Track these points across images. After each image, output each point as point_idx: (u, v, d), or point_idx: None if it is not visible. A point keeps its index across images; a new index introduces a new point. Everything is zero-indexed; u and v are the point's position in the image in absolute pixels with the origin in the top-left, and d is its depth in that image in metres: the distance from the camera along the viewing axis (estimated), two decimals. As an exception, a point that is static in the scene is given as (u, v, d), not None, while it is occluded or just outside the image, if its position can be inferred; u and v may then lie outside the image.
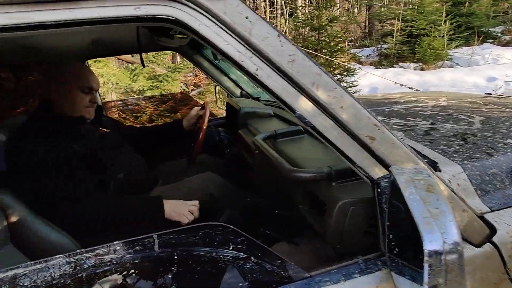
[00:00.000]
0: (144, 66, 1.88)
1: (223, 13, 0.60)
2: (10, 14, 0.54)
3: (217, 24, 0.61)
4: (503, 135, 1.09)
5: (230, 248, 0.65)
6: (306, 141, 1.32)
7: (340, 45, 6.92)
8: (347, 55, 8.25)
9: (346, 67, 6.79)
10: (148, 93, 5.88)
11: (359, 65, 8.37)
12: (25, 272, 0.57)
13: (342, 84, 0.67)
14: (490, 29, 9.60)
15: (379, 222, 0.72)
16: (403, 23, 11.04)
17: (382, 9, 12.58)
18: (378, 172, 0.69)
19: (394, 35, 10.74)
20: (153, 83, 6.33)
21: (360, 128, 0.67)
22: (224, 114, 2.39)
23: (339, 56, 7.19)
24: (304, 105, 0.65)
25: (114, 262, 0.61)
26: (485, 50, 8.74)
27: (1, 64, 1.78)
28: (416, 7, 10.92)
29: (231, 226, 0.65)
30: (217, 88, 2.51)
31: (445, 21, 9.44)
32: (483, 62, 8.32)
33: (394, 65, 9.78)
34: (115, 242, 0.60)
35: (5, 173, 1.32)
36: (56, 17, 0.55)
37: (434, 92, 2.47)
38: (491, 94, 2.45)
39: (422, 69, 9.24)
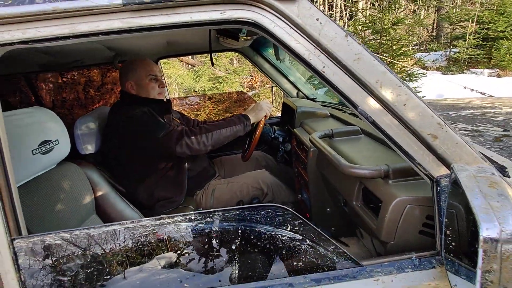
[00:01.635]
0: (213, 65, 2.04)
1: (296, 16, 0.67)
2: (123, 19, 0.67)
3: (290, 26, 0.68)
4: None
5: (288, 229, 0.72)
6: (363, 142, 1.33)
7: (403, 48, 6.58)
8: (411, 59, 7.80)
9: (409, 71, 6.44)
10: (209, 93, 6.25)
11: (423, 70, 7.86)
12: (120, 229, 0.70)
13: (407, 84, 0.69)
14: None
15: (437, 221, 0.72)
16: (477, 25, 10.10)
17: (454, 11, 11.61)
18: (439, 170, 0.70)
19: (467, 38, 9.86)
20: (213, 84, 6.68)
21: (423, 126, 0.68)
22: (279, 114, 2.46)
23: (402, 60, 6.84)
24: (367, 102, 0.69)
25: (189, 230, 0.71)
26: None
27: (91, 64, 2.08)
28: (495, 8, 9.89)
29: (291, 209, 0.71)
30: (274, 89, 2.60)
31: (534, 23, 8.44)
32: None
33: (465, 71, 8.98)
34: (191, 212, 0.70)
35: (93, 155, 1.55)
36: (158, 21, 0.67)
37: (510, 98, 2.27)
38: None
39: (498, 75, 8.37)
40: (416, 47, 11.72)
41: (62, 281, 0.69)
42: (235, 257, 0.72)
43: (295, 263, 0.72)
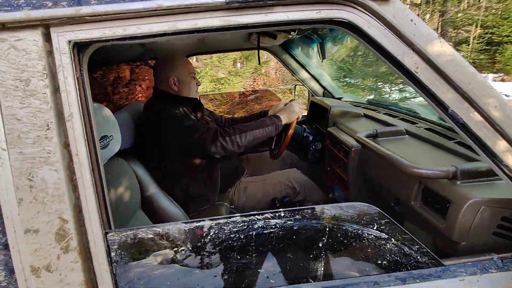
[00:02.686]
0: (259, 63, 2.05)
1: (392, 16, 0.68)
2: (222, 17, 0.67)
3: (384, 27, 0.69)
4: None
5: (375, 228, 0.73)
6: (407, 142, 1.34)
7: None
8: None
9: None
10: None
11: None
12: (211, 224, 0.70)
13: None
14: None
15: (519, 222, 0.73)
16: (482, 30, 10.18)
17: (458, 15, 11.68)
18: (524, 172, 0.71)
19: (471, 42, 9.94)
20: (215, 85, 6.73)
21: (510, 127, 0.69)
22: (305, 113, 2.47)
23: None
24: (457, 103, 0.70)
25: (278, 226, 0.71)
26: None
27: (121, 60, 2.08)
28: (499, 12, 9.98)
29: (378, 209, 0.72)
30: (297, 87, 2.61)
31: (535, 29, 8.53)
32: None
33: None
34: (281, 210, 0.71)
35: (125, 150, 1.55)
36: (255, 20, 0.68)
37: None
38: None
39: (503, 80, 8.44)
40: (421, 50, 11.76)
41: (152, 275, 0.70)
42: (322, 254, 0.72)
43: (379, 262, 0.73)
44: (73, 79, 0.65)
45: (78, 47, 0.66)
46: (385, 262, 0.73)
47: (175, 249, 0.70)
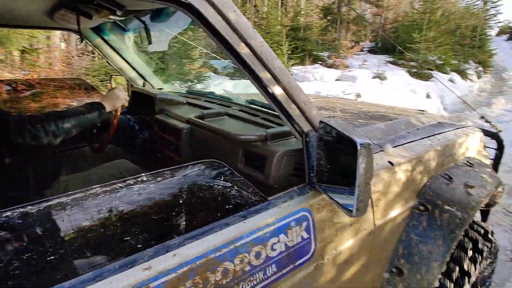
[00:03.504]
0: (82, 41, 1.73)
1: (222, 6, 0.84)
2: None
3: (217, 14, 0.84)
4: (358, 117, 1.70)
5: (222, 179, 0.88)
6: (227, 121, 1.61)
7: (189, 53, 7.53)
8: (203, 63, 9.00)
9: (196, 74, 7.49)
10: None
11: (212, 74, 9.25)
12: (67, 200, 0.64)
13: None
14: (319, 53, 12.12)
15: (306, 162, 1.09)
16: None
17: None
18: (307, 127, 1.06)
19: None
20: None
21: (299, 97, 1.02)
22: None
23: (189, 64, 7.77)
24: (267, 76, 0.96)
25: (143, 192, 0.74)
26: (315, 70, 11.04)
27: None
28: (264, 27, 12.59)
29: (222, 163, 0.88)
30: (114, 77, 2.46)
31: (285, 42, 11.31)
32: (313, 79, 10.49)
33: (246, 77, 11.15)
34: (143, 174, 0.74)
35: None
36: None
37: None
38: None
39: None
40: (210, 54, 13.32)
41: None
42: (182, 210, 0.81)
43: (227, 206, 0.90)
44: None
45: None
46: (230, 206, 0.91)
47: (19, 241, 0.60)
